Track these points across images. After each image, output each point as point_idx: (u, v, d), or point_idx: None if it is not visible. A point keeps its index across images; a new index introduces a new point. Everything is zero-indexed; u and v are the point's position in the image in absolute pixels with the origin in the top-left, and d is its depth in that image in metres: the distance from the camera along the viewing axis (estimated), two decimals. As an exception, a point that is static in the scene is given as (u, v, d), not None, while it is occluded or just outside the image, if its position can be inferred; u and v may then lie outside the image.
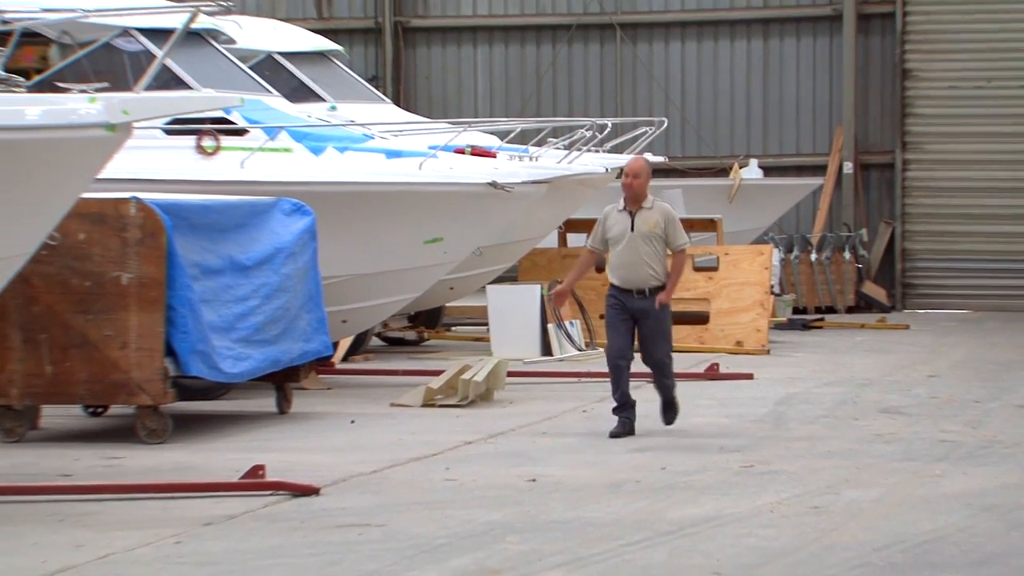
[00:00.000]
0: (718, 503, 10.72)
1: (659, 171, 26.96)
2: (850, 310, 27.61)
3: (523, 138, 21.82)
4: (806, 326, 24.57)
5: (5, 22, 11.52)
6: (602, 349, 20.72)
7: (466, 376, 15.80)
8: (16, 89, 16.20)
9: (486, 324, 20.56)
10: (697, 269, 21.41)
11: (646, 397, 14.47)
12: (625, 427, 13.66)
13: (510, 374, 16.64)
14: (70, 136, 10.49)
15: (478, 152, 19.36)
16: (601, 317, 21.32)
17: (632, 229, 13.56)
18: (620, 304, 13.60)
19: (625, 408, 13.71)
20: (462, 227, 17.74)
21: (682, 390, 16.91)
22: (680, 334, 21.11)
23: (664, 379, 13.86)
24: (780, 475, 11.80)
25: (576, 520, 10.19)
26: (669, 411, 14.01)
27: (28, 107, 10.91)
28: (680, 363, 18.96)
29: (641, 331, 13.66)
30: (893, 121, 28.87)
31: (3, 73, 16.26)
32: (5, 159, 10.30)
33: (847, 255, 27.79)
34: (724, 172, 28.16)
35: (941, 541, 9.57)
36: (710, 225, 23.33)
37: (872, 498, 10.93)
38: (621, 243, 13.59)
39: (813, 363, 19.77)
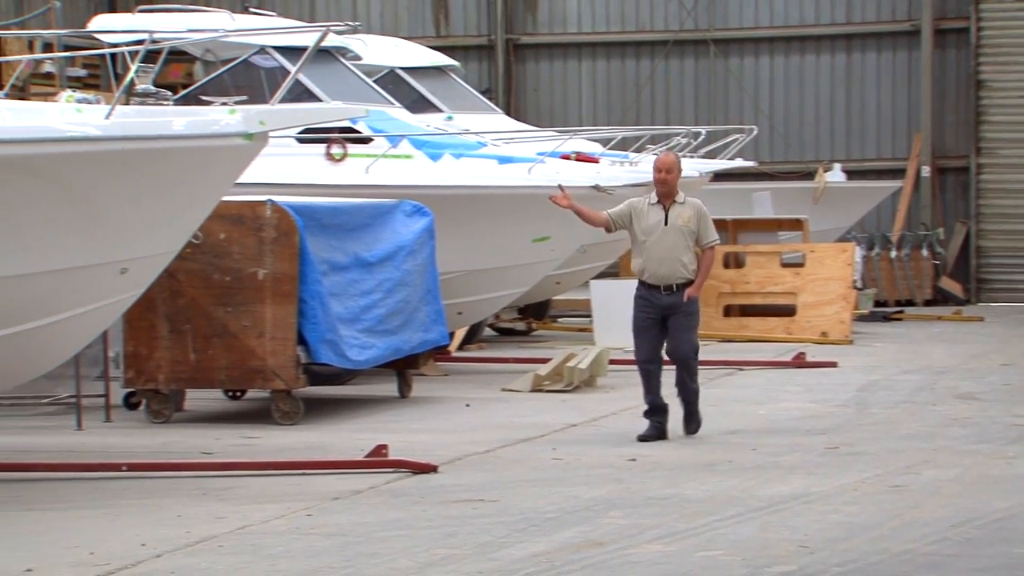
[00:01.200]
0: (805, 482, 10.62)
1: (749, 175, 26.87)
2: (928, 303, 27.26)
3: (624, 145, 21.69)
4: (887, 318, 24.30)
5: (155, 41, 11.58)
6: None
7: (571, 363, 15.77)
8: (164, 103, 16.39)
9: (589, 316, 20.49)
10: (785, 265, 21.28)
11: (742, 383, 14.38)
12: (656, 431, 12.53)
13: (612, 362, 16.55)
14: (212, 144, 10.56)
15: (582, 158, 19.31)
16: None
17: (666, 223, 12.49)
18: (648, 303, 12.51)
19: (657, 412, 12.59)
20: (568, 227, 17.65)
21: (771, 377, 16.85)
22: (768, 325, 21.05)
23: (688, 381, 12.56)
24: (863, 456, 11.67)
25: (673, 497, 10.14)
26: (691, 420, 12.74)
27: (175, 119, 11.00)
28: (769, 352, 18.93)
29: (668, 327, 12.49)
30: (968, 128, 28.46)
31: (153, 88, 16.44)
32: (155, 165, 10.39)
33: (925, 252, 27.44)
34: (810, 175, 27.90)
35: (1014, 518, 9.43)
36: (797, 225, 23.16)
37: (949, 478, 10.78)
38: (653, 236, 12.48)
39: (893, 352, 19.55)
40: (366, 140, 17.02)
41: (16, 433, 13.13)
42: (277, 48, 16.96)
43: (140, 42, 11.33)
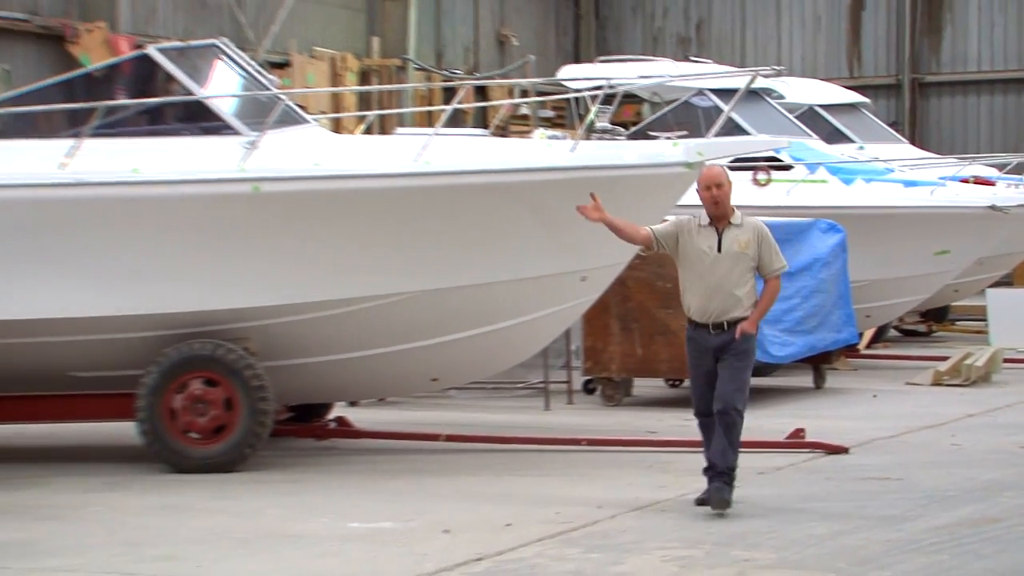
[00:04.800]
0: None
1: None
2: None
3: (1020, 170, 20.83)
4: None
5: (611, 87, 11.86)
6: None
7: (968, 361, 15.31)
8: (618, 138, 16.64)
9: (985, 320, 19.73)
10: None
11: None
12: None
13: (1006, 360, 15.97)
14: (658, 172, 10.70)
15: (980, 181, 18.77)
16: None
17: (719, 249, 8.99)
18: (696, 345, 9.03)
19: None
20: (966, 241, 17.17)
21: None
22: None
23: (728, 450, 8.93)
24: None
25: (1065, 481, 9.66)
26: (718, 492, 8.84)
27: (627, 151, 11.19)
28: None
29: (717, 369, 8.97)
30: None
31: (609, 125, 16.76)
32: (611, 190, 10.55)
33: None
34: None
35: None
36: None
37: None
38: (702, 264, 8.98)
39: None
40: (787, 167, 16.93)
41: (496, 412, 13.58)
42: (712, 90, 17.06)
43: (599, 88, 11.55)
